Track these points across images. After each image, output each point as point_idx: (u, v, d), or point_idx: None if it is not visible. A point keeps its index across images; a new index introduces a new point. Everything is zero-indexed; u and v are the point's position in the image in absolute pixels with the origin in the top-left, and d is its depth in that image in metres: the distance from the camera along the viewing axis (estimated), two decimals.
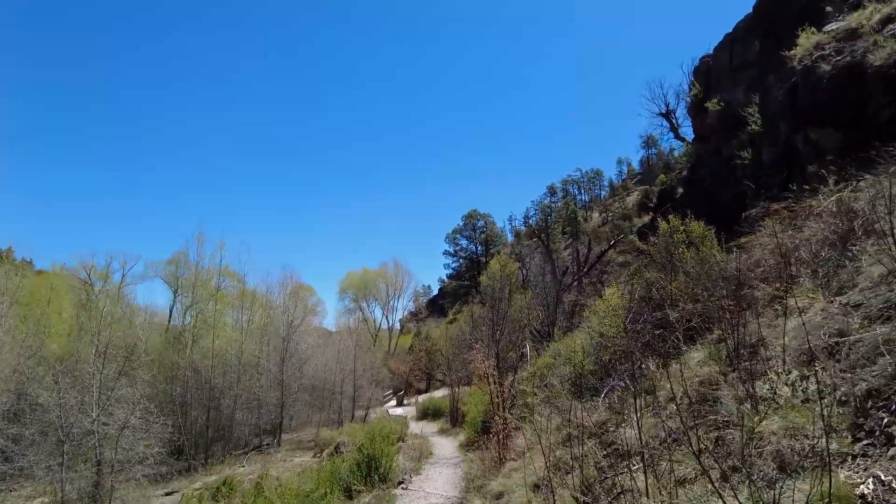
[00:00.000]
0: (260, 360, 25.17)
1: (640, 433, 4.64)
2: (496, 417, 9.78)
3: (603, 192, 72.16)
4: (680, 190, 21.95)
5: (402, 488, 11.05)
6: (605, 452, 6.36)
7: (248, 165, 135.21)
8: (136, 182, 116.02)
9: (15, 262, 46.76)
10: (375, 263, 59.03)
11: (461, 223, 59.98)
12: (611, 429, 6.72)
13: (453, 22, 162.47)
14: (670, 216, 10.14)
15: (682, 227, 9.71)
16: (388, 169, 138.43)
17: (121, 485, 12.90)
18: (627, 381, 7.39)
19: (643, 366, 7.13)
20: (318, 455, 21.06)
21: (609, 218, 60.96)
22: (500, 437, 9.68)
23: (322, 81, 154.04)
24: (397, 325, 58.52)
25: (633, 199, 62.19)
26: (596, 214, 64.48)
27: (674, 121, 23.94)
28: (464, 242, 60.27)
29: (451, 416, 23.86)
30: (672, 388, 6.34)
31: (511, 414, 10.12)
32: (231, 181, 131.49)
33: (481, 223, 58.63)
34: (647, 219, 45.94)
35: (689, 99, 23.03)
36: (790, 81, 15.11)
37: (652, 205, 33.48)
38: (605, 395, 7.55)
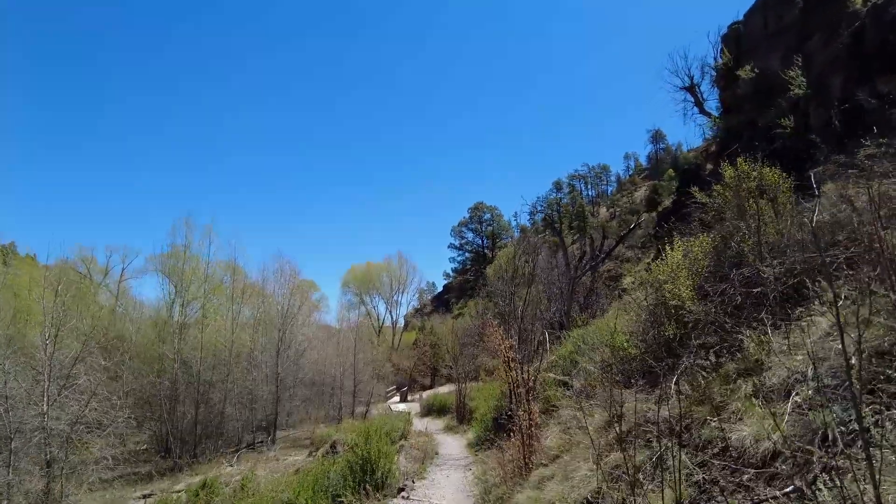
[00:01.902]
0: (253, 352, 23.09)
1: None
2: (520, 411, 7.62)
3: (610, 188, 69.77)
4: (709, 166, 19.73)
5: (403, 497, 8.92)
6: (698, 459, 4.21)
7: (249, 163, 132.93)
8: (140, 180, 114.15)
9: (19, 256, 45.30)
10: (379, 260, 56.92)
11: (467, 215, 57.60)
12: (709, 423, 4.55)
13: (457, 18, 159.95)
14: (739, 159, 7.97)
15: (753, 174, 7.55)
16: (392, 167, 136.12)
17: (74, 489, 10.79)
18: (713, 359, 5.23)
19: (738, 337, 4.99)
20: (314, 454, 18.99)
21: (617, 213, 58.90)
22: (525, 435, 7.53)
23: (323, 79, 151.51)
24: (401, 321, 56.33)
25: (640, 193, 59.90)
26: (603, 210, 62.22)
27: (699, 94, 21.71)
28: (470, 235, 57.80)
29: (458, 413, 21.78)
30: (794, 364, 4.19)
31: (536, 407, 7.96)
32: (235, 179, 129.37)
33: (488, 216, 56.16)
34: (650, 217, 43.74)
35: (715, 70, 20.84)
36: (854, 27, 13.00)
37: (672, 192, 31.33)
38: (677, 379, 5.39)
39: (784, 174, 7.79)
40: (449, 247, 59.54)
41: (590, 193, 69.70)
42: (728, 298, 5.67)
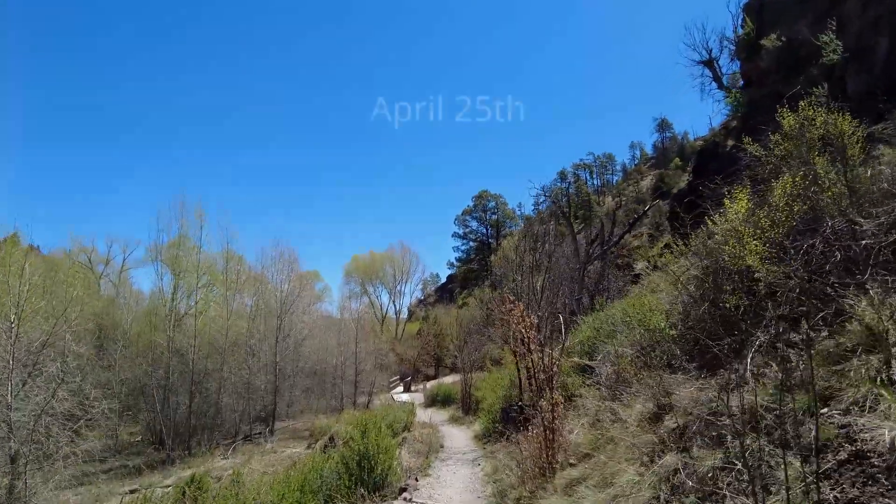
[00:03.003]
0: (250, 340, 21.94)
1: None
2: (542, 401, 6.38)
3: (615, 177, 68.23)
4: (730, 143, 18.35)
5: (405, 499, 7.71)
6: (812, 467, 2.96)
7: (251, 157, 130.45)
8: (141, 172, 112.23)
9: (21, 247, 44.39)
10: (383, 249, 55.54)
11: (471, 204, 56.15)
12: (824, 416, 3.29)
13: (465, 9, 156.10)
14: (801, 102, 6.68)
15: (819, 120, 6.25)
16: (395, 159, 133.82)
17: (41, 486, 9.63)
18: (809, 333, 3.96)
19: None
20: (313, 446, 17.89)
21: (623, 202, 57.57)
22: (547, 429, 6.30)
23: (324, 71, 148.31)
24: (405, 311, 55.18)
25: (646, 182, 58.53)
26: (609, 199, 60.82)
27: (717, 69, 20.31)
28: (474, 224, 56.27)
29: (463, 403, 20.67)
30: None
31: (559, 396, 6.69)
32: (237, 172, 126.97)
33: (492, 204, 54.61)
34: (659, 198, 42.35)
35: (736, 42, 19.44)
36: None
37: (688, 176, 29.98)
38: (752, 357, 4.14)
39: (856, 122, 6.49)
40: (453, 235, 58.20)
41: (595, 183, 68.22)
42: (814, 258, 4.39)
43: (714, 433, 4.17)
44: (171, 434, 19.47)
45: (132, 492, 15.35)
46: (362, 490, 7.38)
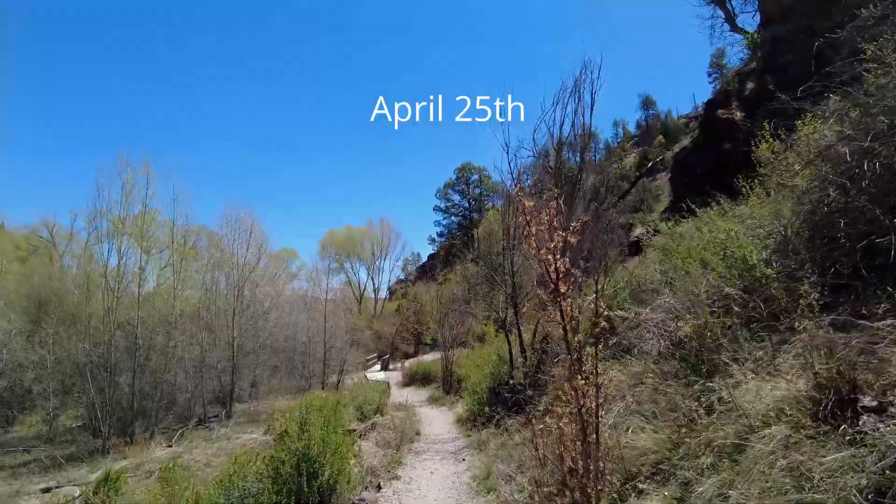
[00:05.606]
0: (203, 312, 18.95)
1: None
2: (578, 378, 3.67)
3: (599, 155, 65.75)
4: (750, 85, 15.84)
5: None
6: None
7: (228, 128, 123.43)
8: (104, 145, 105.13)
9: None
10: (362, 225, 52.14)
11: (454, 177, 52.82)
12: None
13: None
14: None
15: None
16: (374, 136, 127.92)
17: None
18: None
19: None
20: (270, 432, 15.16)
21: (605, 180, 54.82)
22: (588, 425, 3.62)
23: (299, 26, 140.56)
24: (384, 288, 52.23)
25: (630, 160, 56.41)
26: (593, 176, 58.43)
27: (729, 8, 17.72)
28: (456, 198, 52.91)
29: (444, 381, 18.21)
30: None
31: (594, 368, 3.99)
32: (214, 146, 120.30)
33: (475, 177, 51.44)
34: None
35: None
36: None
37: (693, 134, 27.68)
38: None
39: None
40: (434, 209, 54.88)
41: (577, 160, 65.66)
42: None
43: None
44: (108, 419, 16.49)
45: (45, 490, 12.44)
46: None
